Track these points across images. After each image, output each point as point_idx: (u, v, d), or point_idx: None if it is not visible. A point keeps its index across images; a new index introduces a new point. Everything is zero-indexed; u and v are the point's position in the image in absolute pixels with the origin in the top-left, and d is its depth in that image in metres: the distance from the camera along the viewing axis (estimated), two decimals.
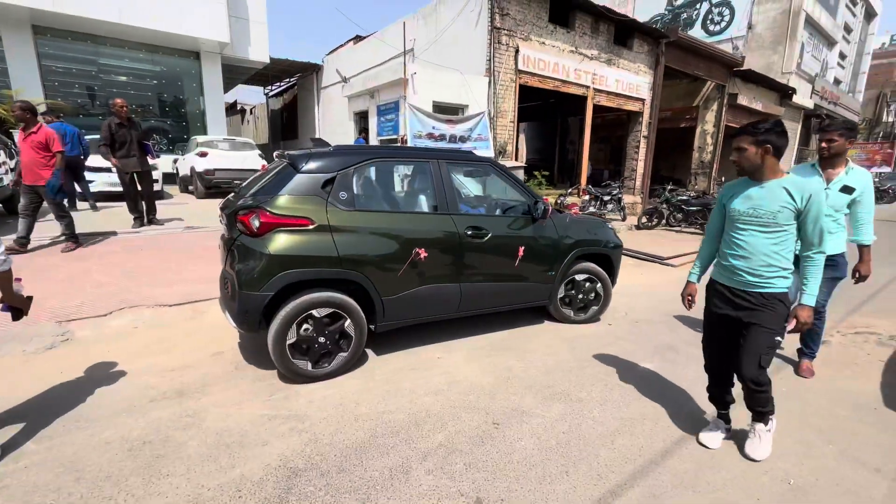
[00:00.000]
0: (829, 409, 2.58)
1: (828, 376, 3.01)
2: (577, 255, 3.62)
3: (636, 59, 11.59)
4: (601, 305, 3.88)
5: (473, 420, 2.41)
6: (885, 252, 7.61)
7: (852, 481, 1.98)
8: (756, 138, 1.91)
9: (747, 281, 1.99)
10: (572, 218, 3.78)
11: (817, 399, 2.70)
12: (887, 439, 2.29)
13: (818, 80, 20.31)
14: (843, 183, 2.72)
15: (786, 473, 2.02)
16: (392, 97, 8.34)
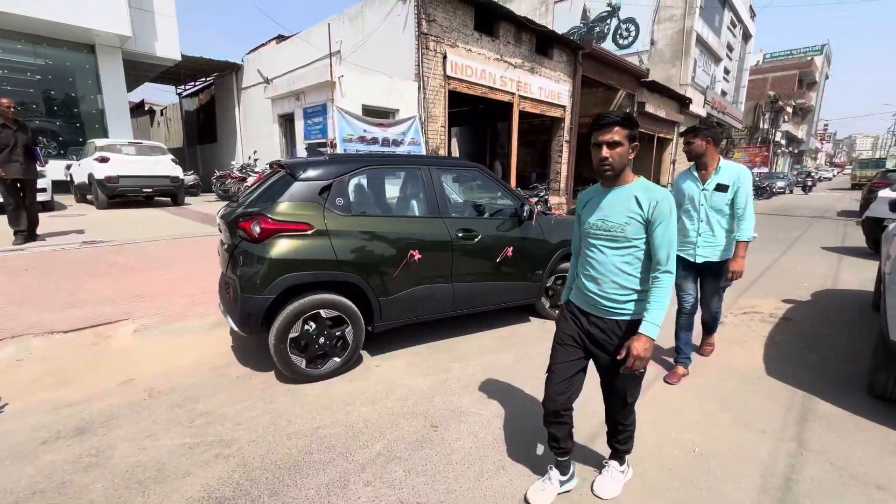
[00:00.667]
0: (725, 382, 2.94)
1: (723, 353, 3.42)
2: (562, 254, 3.79)
3: (556, 68, 12.34)
4: None
5: (412, 425, 2.41)
6: (765, 242, 8.84)
7: (744, 444, 2.26)
8: (630, 131, 1.55)
9: (600, 306, 1.66)
10: (557, 219, 3.91)
11: (715, 373, 3.06)
12: (769, 404, 2.66)
13: (709, 91, 23.05)
14: (717, 181, 2.72)
15: (692, 443, 2.27)
16: (319, 100, 8.09)
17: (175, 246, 6.29)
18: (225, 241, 3.00)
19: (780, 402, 2.68)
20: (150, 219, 8.73)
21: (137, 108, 26.39)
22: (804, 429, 2.40)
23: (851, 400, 2.70)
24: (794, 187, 26.73)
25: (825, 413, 2.56)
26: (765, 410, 2.59)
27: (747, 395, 2.77)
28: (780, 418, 2.50)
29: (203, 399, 2.65)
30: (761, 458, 2.15)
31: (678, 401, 2.70)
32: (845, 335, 3.78)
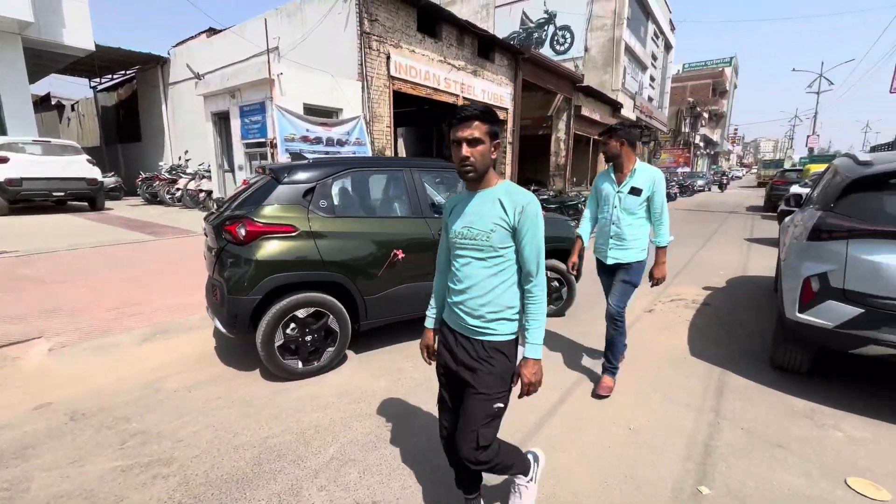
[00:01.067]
0: (657, 364, 3.22)
1: (654, 338, 3.74)
2: (549, 249, 3.83)
3: (498, 71, 12.71)
4: (566, 300, 4.13)
5: (366, 426, 2.40)
6: (688, 235, 9.70)
7: (671, 418, 2.50)
8: (491, 126, 1.40)
9: (468, 325, 1.47)
10: (546, 216, 4.05)
11: (648, 357, 3.34)
12: (691, 381, 2.95)
13: (637, 96, 24.82)
14: (631, 184, 2.64)
15: (628, 421, 2.47)
16: (256, 98, 7.73)
17: (96, 255, 5.74)
18: (211, 244, 3.06)
19: (701, 379, 2.98)
20: (63, 226, 7.88)
21: (42, 102, 23.56)
22: (720, 400, 2.70)
23: (758, 372, 3.07)
24: (711, 185, 29.50)
25: (737, 385, 2.89)
26: (688, 387, 2.87)
27: (674, 375, 3.06)
28: (701, 393, 2.79)
29: (136, 418, 2.47)
30: (686, 429, 2.39)
31: (618, 385, 2.91)
32: (753, 315, 4.27)
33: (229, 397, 2.70)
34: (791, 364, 2.95)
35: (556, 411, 2.58)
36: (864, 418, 2.49)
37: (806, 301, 2.62)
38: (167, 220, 8.84)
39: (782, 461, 2.13)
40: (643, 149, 29.12)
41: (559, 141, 17.83)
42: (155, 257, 5.91)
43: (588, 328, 3.87)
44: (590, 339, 3.66)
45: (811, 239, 2.67)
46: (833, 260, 2.52)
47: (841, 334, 2.48)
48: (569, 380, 2.98)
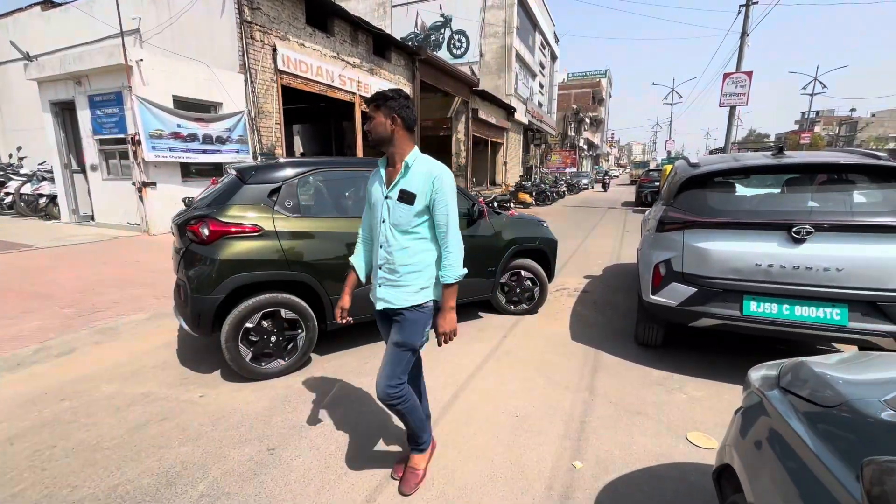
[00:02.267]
0: (542, 350, 3.46)
1: (543, 326, 4.03)
2: (513, 251, 4.02)
3: (396, 71, 12.66)
4: (538, 298, 4.26)
5: (244, 454, 2.18)
6: (571, 227, 10.70)
7: (553, 400, 2.70)
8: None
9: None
10: (509, 218, 4.14)
11: (535, 344, 3.58)
12: (572, 363, 3.23)
13: (529, 102, 26.73)
14: (401, 187, 1.71)
15: (514, 409, 2.60)
16: (110, 86, 6.59)
17: None
18: (176, 244, 3.09)
19: (579, 361, 3.27)
20: None
21: None
22: (594, 378, 2.99)
23: (625, 348, 3.47)
24: (594, 184, 33.05)
25: (608, 363, 3.23)
26: (568, 369, 3.13)
27: (557, 358, 3.31)
28: (578, 374, 3.06)
29: None
30: (565, 409, 2.60)
31: (506, 372, 3.06)
32: (624, 298, 4.84)
33: (68, 443, 2.25)
34: (649, 339, 3.39)
35: (448, 408, 2.62)
36: (703, 380, 2.95)
37: (657, 284, 3.02)
38: None
39: (640, 426, 2.42)
40: (535, 151, 31.49)
41: (459, 142, 18.40)
42: None
43: (557, 323, 4.08)
44: (531, 335, 3.80)
45: (658, 231, 3.09)
46: (674, 248, 2.94)
47: (681, 311, 2.91)
48: (474, 370, 3.05)
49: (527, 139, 28.85)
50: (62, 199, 8.07)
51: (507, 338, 3.73)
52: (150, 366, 3.15)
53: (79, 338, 3.53)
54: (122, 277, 5.01)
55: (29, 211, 8.46)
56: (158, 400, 2.68)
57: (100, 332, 3.66)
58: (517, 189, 17.07)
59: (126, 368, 3.11)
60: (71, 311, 3.97)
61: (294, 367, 3.05)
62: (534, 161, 31.00)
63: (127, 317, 3.93)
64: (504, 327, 3.98)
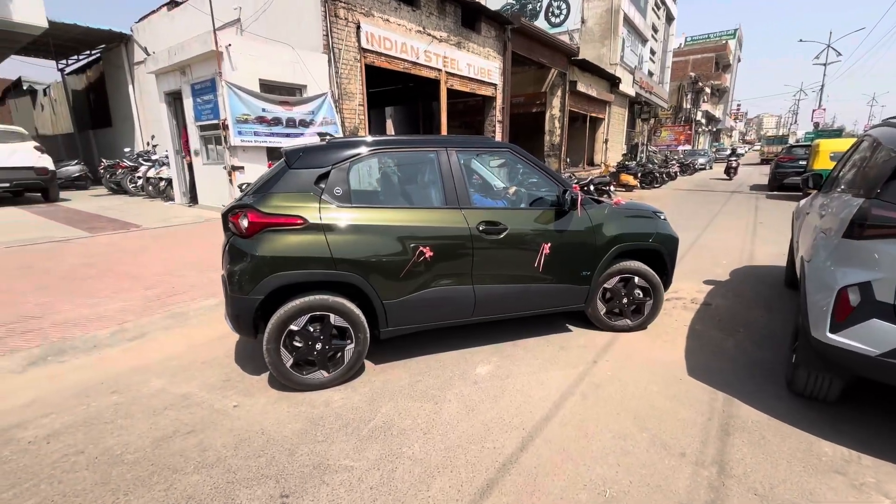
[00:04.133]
0: (645, 388, 2.61)
1: (650, 348, 3.13)
2: (617, 251, 3.16)
3: (485, 43, 11.79)
4: (650, 311, 3.36)
5: (255, 498, 1.80)
6: (684, 215, 9.03)
7: (661, 474, 1.90)
8: None
9: None
10: (613, 209, 3.26)
11: (635, 377, 2.73)
12: (687, 413, 2.35)
13: (637, 71, 23.71)
14: None
15: (603, 481, 1.87)
16: (207, 74, 6.93)
17: (5, 259, 5.10)
18: (225, 236, 2.84)
19: (701, 410, 2.37)
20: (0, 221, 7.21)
21: (15, 87, 22.56)
22: (726, 445, 2.09)
23: (771, 397, 2.46)
24: (713, 163, 28.60)
25: (746, 420, 2.28)
26: (685, 423, 2.26)
27: (668, 403, 2.45)
28: (700, 432, 2.18)
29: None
30: (679, 493, 1.79)
31: (592, 417, 2.31)
32: (762, 317, 3.66)
33: (94, 451, 2.10)
34: (815, 392, 2.34)
35: (508, 465, 1.97)
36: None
37: (841, 318, 1.98)
38: (119, 213, 8.16)
39: None
40: (643, 126, 28.16)
41: (554, 119, 16.94)
42: (78, 259, 5.27)
43: (668, 346, 3.21)
44: (653, 354, 3.03)
45: (849, 236, 2.02)
46: (880, 266, 1.87)
47: (887, 365, 1.85)
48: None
49: (633, 113, 25.84)
50: (175, 183, 8.94)
51: (597, 363, 2.93)
52: (200, 361, 3.02)
53: (152, 322, 3.57)
54: (204, 260, 5.18)
55: (154, 193, 9.58)
56: (193, 406, 2.47)
57: (171, 316, 3.68)
58: (619, 170, 15.20)
59: (179, 361, 3.01)
60: (152, 294, 4.10)
61: (337, 381, 2.66)
62: (640, 138, 27.78)
63: (198, 302, 3.94)
64: (594, 347, 3.17)
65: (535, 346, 3.20)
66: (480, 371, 2.84)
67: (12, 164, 8.03)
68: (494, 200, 3.64)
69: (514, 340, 3.28)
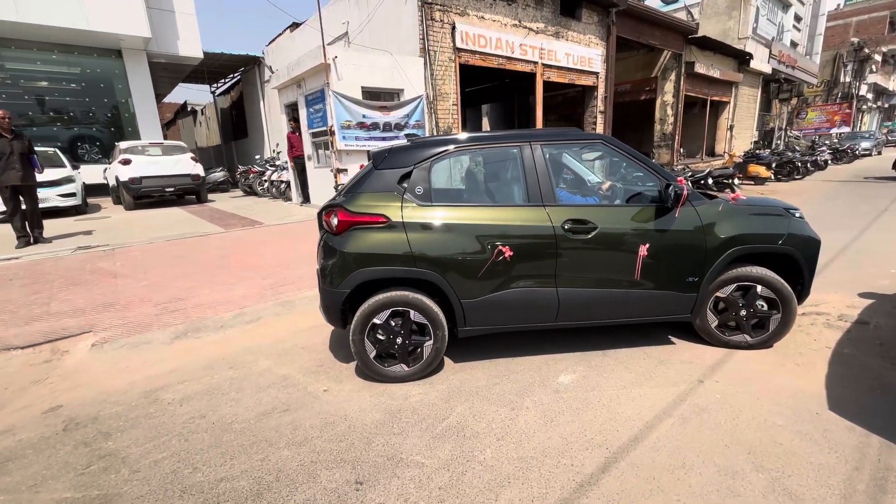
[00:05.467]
0: (765, 419, 2.19)
1: (769, 371, 2.63)
2: (734, 255, 2.73)
3: (586, 30, 11.10)
4: (777, 326, 2.83)
5: (333, 480, 1.92)
6: (834, 212, 7.43)
7: None
8: None
9: None
10: (729, 206, 2.81)
11: (753, 405, 2.30)
12: (827, 457, 1.90)
13: (775, 43, 20.23)
14: None
15: None
16: (317, 85, 7.66)
17: (165, 248, 6.20)
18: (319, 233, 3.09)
19: (846, 457, 1.91)
20: (164, 218, 8.86)
21: (182, 109, 27.64)
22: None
23: None
24: (882, 148, 23.18)
25: None
26: (820, 470, 1.84)
27: (795, 440, 2.02)
28: (844, 484, 1.75)
29: (116, 434, 2.32)
30: None
31: (692, 446, 2.00)
32: None
33: (212, 417, 2.44)
34: None
35: (586, 488, 1.80)
36: None
37: None
38: (248, 212, 9.45)
39: None
40: (780, 108, 23.98)
41: (665, 105, 15.30)
42: (214, 251, 6.19)
43: (801, 371, 2.66)
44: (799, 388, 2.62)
45: None
46: None
47: None
48: None
49: (767, 93, 22.15)
50: (292, 185, 10.09)
51: (704, 383, 2.55)
52: (300, 346, 3.32)
53: (266, 308, 4.05)
54: (310, 255, 5.71)
55: (276, 194, 10.94)
56: (290, 387, 2.73)
57: (281, 304, 4.13)
58: (747, 160, 13.14)
59: (283, 345, 3.35)
60: (267, 283, 4.65)
61: (416, 375, 2.73)
62: (776, 122, 23.72)
63: (304, 292, 4.36)
64: (701, 364, 2.76)
65: (629, 357, 2.90)
66: (563, 380, 2.67)
67: (176, 171, 9.85)
68: (585, 197, 3.39)
69: (604, 350, 3.01)
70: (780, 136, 24.40)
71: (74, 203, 8.91)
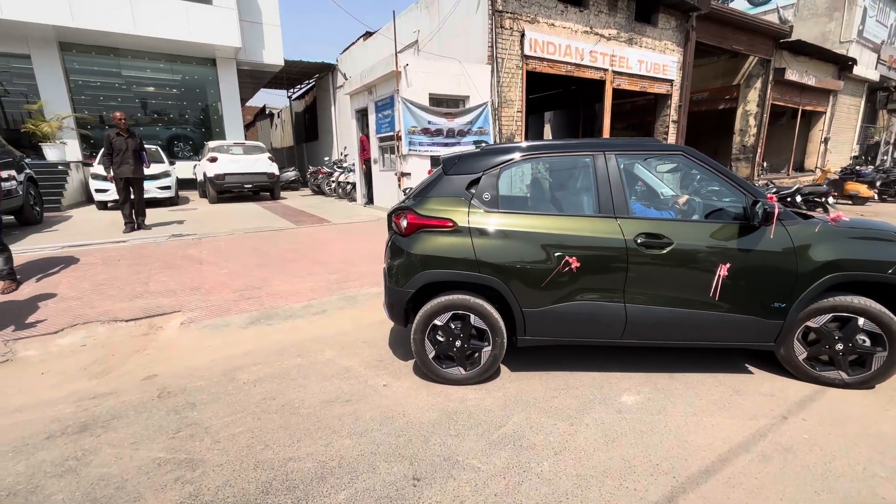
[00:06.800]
0: (864, 468, 1.95)
1: (870, 415, 2.35)
2: (831, 282, 2.49)
3: (662, 36, 10.58)
4: (882, 366, 2.52)
5: (391, 473, 1.99)
6: None
7: None
8: None
9: None
10: (828, 227, 2.58)
11: (850, 451, 2.07)
12: None
13: (885, 47, 18.01)
14: None
15: None
16: (387, 92, 7.97)
17: (243, 240, 6.73)
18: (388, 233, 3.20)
19: None
20: (243, 212, 9.64)
21: (261, 112, 29.94)
22: None
23: None
24: None
25: None
26: None
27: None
28: None
29: (201, 406, 2.57)
30: None
31: (775, 487, 1.83)
32: None
33: (281, 399, 2.62)
34: None
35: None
36: None
37: None
38: (316, 210, 10.02)
39: None
40: (888, 118, 21.27)
41: (748, 115, 14.16)
42: (286, 244, 6.62)
43: None
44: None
45: None
46: None
47: None
48: None
49: (873, 103, 19.76)
50: (358, 186, 10.56)
51: (788, 420, 2.33)
52: (362, 340, 3.47)
53: (331, 301, 4.28)
54: (375, 253, 5.95)
55: (342, 194, 11.51)
56: (352, 378, 2.86)
57: (345, 298, 4.34)
58: (844, 176, 11.80)
59: (346, 338, 3.52)
60: (333, 278, 4.91)
61: (473, 380, 2.75)
62: (882, 135, 21.08)
63: (367, 289, 4.55)
64: (785, 399, 2.52)
65: (700, 383, 2.72)
66: (626, 400, 2.56)
67: (255, 170, 10.69)
68: (660, 211, 3.23)
69: (671, 373, 2.85)
70: (888, 151, 21.61)
71: (170, 195, 9.96)
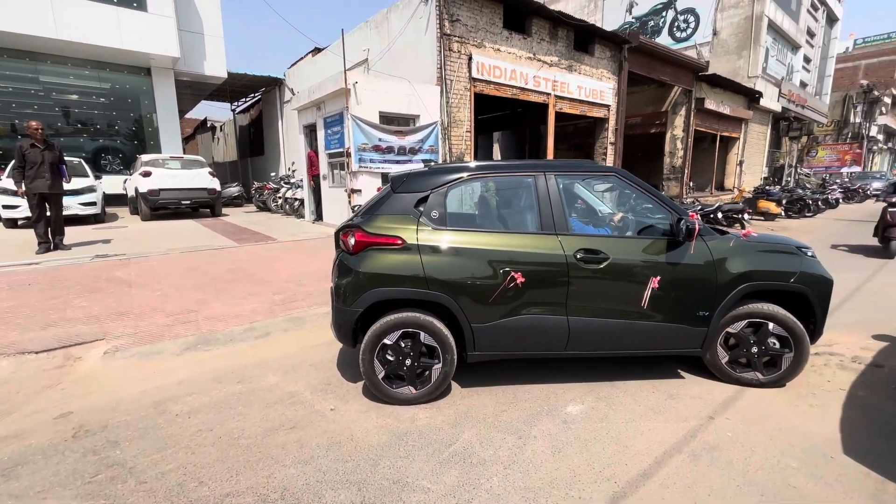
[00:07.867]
0: (778, 460, 2.15)
1: (782, 411, 2.59)
2: (745, 291, 2.74)
3: (598, 64, 11.41)
4: (790, 365, 2.80)
5: (338, 501, 1.91)
6: (853, 256, 7.38)
7: None
8: None
9: None
10: (741, 242, 2.84)
11: (765, 445, 2.27)
12: (840, 502, 1.86)
13: (784, 83, 20.58)
14: None
15: None
16: (336, 108, 7.92)
17: (179, 260, 6.31)
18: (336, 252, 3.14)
19: (860, 501, 1.86)
20: (179, 230, 9.04)
21: (202, 125, 28.49)
22: None
23: None
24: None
25: None
26: None
27: (809, 485, 1.98)
28: None
29: (124, 443, 2.33)
30: None
31: (703, 484, 1.97)
32: None
33: (219, 431, 2.44)
34: None
35: None
36: None
37: None
38: (261, 227, 9.62)
39: None
40: (791, 145, 24.18)
41: (675, 139, 15.51)
42: (227, 264, 6.28)
43: (815, 413, 2.66)
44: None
45: None
46: None
47: None
48: None
49: (777, 131, 22.39)
50: (306, 203, 10.28)
51: (714, 420, 2.52)
52: (308, 363, 3.34)
53: (275, 323, 4.08)
54: (321, 271, 5.79)
55: (289, 211, 11.15)
56: (298, 404, 2.74)
57: (290, 320, 4.17)
58: (757, 195, 13.18)
59: (291, 361, 3.37)
60: (277, 298, 4.70)
61: (424, 398, 2.72)
62: (787, 159, 23.87)
63: (314, 309, 4.40)
64: (712, 400, 2.73)
65: (638, 389, 2.88)
66: (571, 410, 2.65)
67: (194, 185, 10.10)
68: (598, 228, 3.44)
69: (612, 381, 2.99)
70: (791, 174, 24.47)
71: (94, 212, 9.14)
